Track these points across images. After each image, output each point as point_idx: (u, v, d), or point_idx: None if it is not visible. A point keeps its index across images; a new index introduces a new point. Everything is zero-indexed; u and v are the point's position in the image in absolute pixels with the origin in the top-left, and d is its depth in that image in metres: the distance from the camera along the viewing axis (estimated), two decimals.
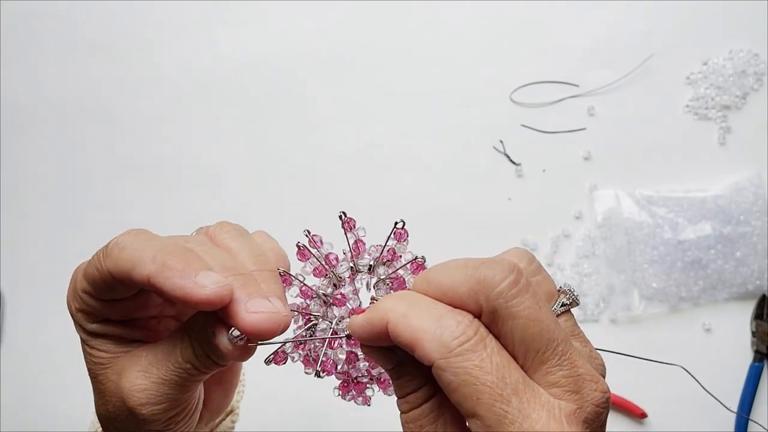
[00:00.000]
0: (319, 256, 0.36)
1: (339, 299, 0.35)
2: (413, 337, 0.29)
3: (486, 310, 0.30)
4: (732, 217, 0.77)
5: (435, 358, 0.29)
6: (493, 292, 0.29)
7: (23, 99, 0.87)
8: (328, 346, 0.35)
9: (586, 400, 0.30)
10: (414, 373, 0.31)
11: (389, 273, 0.35)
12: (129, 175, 0.85)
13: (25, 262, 0.85)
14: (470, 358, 0.28)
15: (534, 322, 0.29)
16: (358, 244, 0.36)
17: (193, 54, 0.85)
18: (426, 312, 0.30)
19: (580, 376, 0.30)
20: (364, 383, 0.36)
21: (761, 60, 0.79)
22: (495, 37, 0.82)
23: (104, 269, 0.34)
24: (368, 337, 0.32)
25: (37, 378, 0.84)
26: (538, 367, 0.30)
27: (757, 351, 0.76)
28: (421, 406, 0.31)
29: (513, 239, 0.80)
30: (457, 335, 0.29)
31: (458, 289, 0.30)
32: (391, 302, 0.31)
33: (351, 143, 0.82)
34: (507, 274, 0.30)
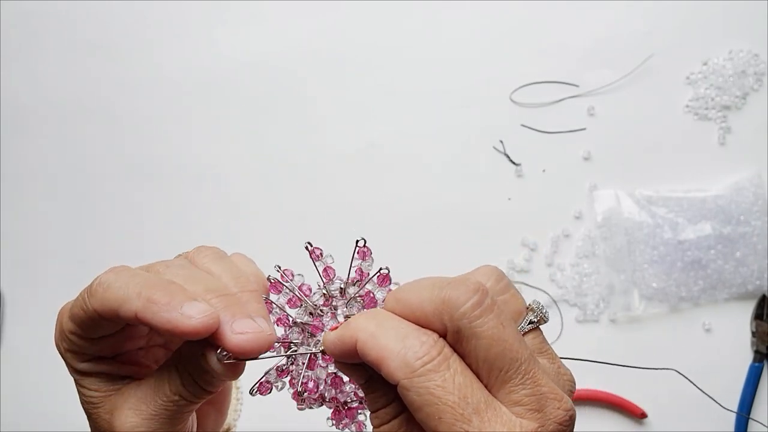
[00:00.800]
0: (293, 288, 0.37)
1: (316, 326, 0.36)
2: (379, 356, 0.30)
3: (450, 329, 0.30)
4: (732, 217, 0.77)
5: (399, 377, 0.29)
6: (457, 312, 0.30)
7: (23, 99, 0.87)
8: (308, 367, 0.36)
9: (548, 418, 0.30)
10: (383, 389, 0.31)
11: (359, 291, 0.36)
12: (129, 175, 0.85)
13: (25, 262, 0.85)
14: (433, 378, 0.29)
15: (497, 341, 0.30)
16: (328, 270, 0.37)
17: (194, 54, 0.85)
18: (392, 331, 0.30)
19: (543, 395, 0.30)
20: (355, 408, 0.36)
21: (761, 60, 0.79)
22: (495, 37, 0.82)
23: (90, 309, 0.35)
24: (340, 354, 0.32)
25: (37, 378, 0.84)
26: (502, 386, 0.30)
27: (757, 351, 0.76)
28: (390, 422, 0.31)
29: (513, 239, 0.80)
30: (420, 355, 0.29)
31: (424, 309, 0.31)
32: (361, 321, 0.32)
33: (351, 143, 0.82)
34: (471, 295, 0.30)
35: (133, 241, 0.84)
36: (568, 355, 0.73)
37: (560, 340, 0.78)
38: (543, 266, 0.79)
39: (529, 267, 0.79)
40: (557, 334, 0.78)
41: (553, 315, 0.78)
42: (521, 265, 0.79)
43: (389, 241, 0.81)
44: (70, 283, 0.84)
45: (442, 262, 0.80)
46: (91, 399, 0.37)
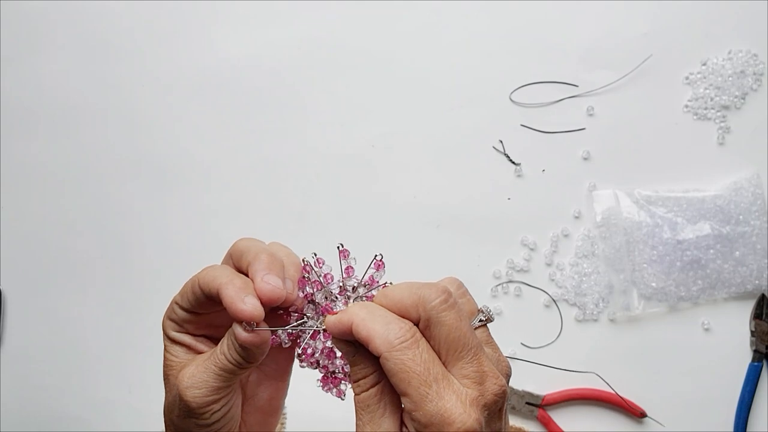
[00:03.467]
0: (320, 274, 0.46)
1: (325, 308, 0.46)
2: (368, 335, 0.40)
3: (423, 318, 0.40)
4: (731, 217, 0.77)
5: (382, 351, 0.39)
6: (428, 305, 0.40)
7: (23, 99, 0.87)
8: (311, 337, 0.46)
9: (487, 390, 0.39)
10: (365, 363, 0.41)
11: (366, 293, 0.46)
12: (129, 175, 0.85)
13: (25, 262, 0.85)
14: (406, 353, 0.38)
15: (455, 330, 0.39)
16: (349, 269, 0.46)
17: (195, 55, 0.85)
18: (379, 318, 0.40)
19: (484, 372, 0.40)
20: (339, 378, 0.46)
21: (760, 60, 0.79)
22: (495, 37, 0.82)
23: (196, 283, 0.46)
24: (338, 332, 0.42)
25: (37, 378, 0.84)
26: (455, 363, 0.39)
27: (756, 350, 0.76)
28: (369, 390, 0.41)
29: (512, 239, 0.80)
30: (398, 336, 0.39)
31: (404, 302, 0.41)
32: (357, 309, 0.41)
33: (350, 143, 0.83)
34: (439, 294, 0.40)
35: (134, 241, 0.84)
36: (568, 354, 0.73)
37: (560, 340, 0.78)
38: (542, 266, 0.80)
39: (528, 266, 0.80)
40: (557, 334, 0.79)
41: (552, 314, 0.79)
42: (521, 265, 0.79)
43: (389, 240, 0.82)
44: (70, 283, 0.85)
45: (441, 262, 0.80)
46: (171, 362, 0.48)
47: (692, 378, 0.77)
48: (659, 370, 0.78)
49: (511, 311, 0.79)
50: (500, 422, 0.41)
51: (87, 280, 0.84)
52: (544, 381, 0.77)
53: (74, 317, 0.84)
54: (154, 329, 0.82)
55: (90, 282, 0.84)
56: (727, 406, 0.77)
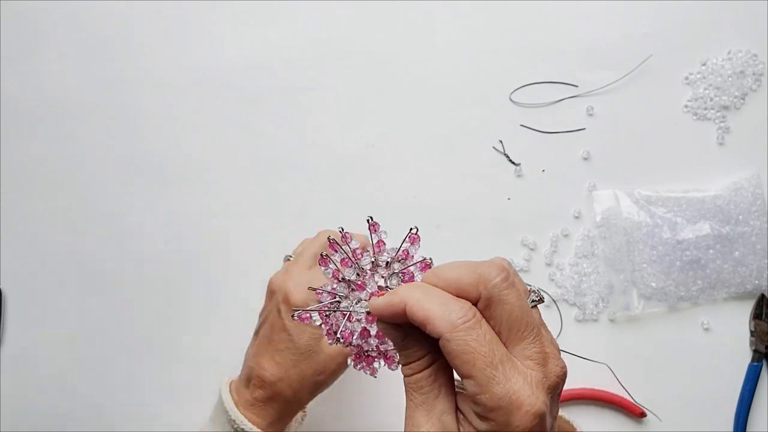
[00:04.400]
0: (348, 250, 0.44)
1: (360, 284, 0.44)
2: (426, 316, 0.37)
3: (483, 297, 0.38)
4: (731, 217, 0.77)
5: (444, 332, 0.37)
6: (490, 283, 0.38)
7: (23, 99, 0.87)
8: (348, 319, 0.44)
9: (550, 372, 0.38)
10: (417, 346, 0.40)
11: (402, 268, 0.43)
12: (130, 175, 0.85)
13: (26, 262, 0.85)
14: (470, 334, 0.37)
15: (518, 308, 0.38)
16: (380, 243, 0.44)
17: (194, 55, 0.85)
18: (436, 298, 0.38)
19: (547, 354, 0.39)
20: (372, 357, 0.45)
21: (760, 60, 0.79)
22: (494, 38, 0.82)
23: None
24: (387, 315, 0.40)
25: (37, 378, 0.84)
26: (517, 344, 0.38)
27: (755, 350, 0.77)
28: (422, 372, 0.40)
29: (513, 239, 0.80)
30: (460, 316, 0.37)
31: (462, 281, 0.39)
32: (408, 290, 0.39)
33: (350, 143, 0.83)
34: (500, 272, 0.39)
35: (134, 241, 0.84)
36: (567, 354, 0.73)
37: (560, 339, 0.78)
38: (542, 266, 0.80)
39: (528, 266, 0.80)
40: (557, 333, 0.79)
41: (552, 314, 0.79)
42: (521, 265, 0.79)
43: (389, 241, 0.81)
44: (70, 283, 0.85)
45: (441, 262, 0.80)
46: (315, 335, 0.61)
47: (692, 378, 0.77)
48: (659, 370, 0.78)
49: None
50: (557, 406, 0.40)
51: (87, 280, 0.84)
52: None
53: (74, 317, 0.84)
54: (155, 328, 0.83)
55: (90, 282, 0.84)
56: (726, 406, 0.77)
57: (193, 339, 0.82)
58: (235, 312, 0.82)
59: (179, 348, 0.82)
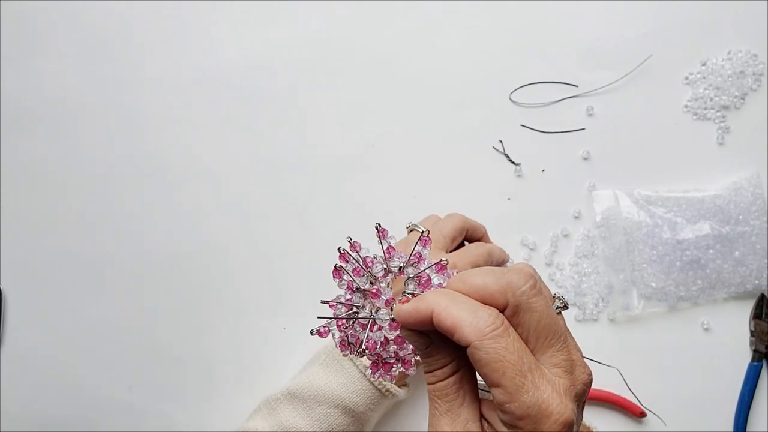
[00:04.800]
0: (358, 259, 0.43)
1: (375, 293, 0.44)
2: (454, 324, 0.37)
3: (511, 304, 0.38)
4: (731, 217, 0.77)
5: (472, 340, 0.36)
6: (518, 290, 0.38)
7: (23, 99, 0.87)
8: (370, 329, 0.43)
9: (577, 379, 0.38)
10: (442, 353, 0.40)
11: (417, 272, 0.43)
12: (130, 175, 0.85)
13: (26, 262, 0.85)
14: (499, 342, 0.36)
15: (546, 316, 0.38)
16: (390, 249, 0.43)
17: (194, 55, 0.85)
18: (464, 305, 0.38)
19: (573, 361, 0.39)
20: (390, 363, 0.44)
21: (760, 60, 0.79)
22: (494, 37, 0.82)
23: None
24: (412, 322, 0.39)
25: (37, 378, 0.84)
26: (545, 351, 0.38)
27: (755, 350, 0.77)
28: (447, 379, 0.39)
29: (513, 239, 0.80)
30: (489, 323, 0.37)
31: (489, 288, 0.38)
32: (435, 296, 0.39)
33: (350, 143, 0.83)
34: (528, 279, 0.38)
35: (133, 241, 0.84)
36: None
37: None
38: (542, 266, 0.80)
39: None
40: None
41: None
42: None
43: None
44: (70, 283, 0.85)
45: None
46: None
47: (692, 378, 0.77)
48: (659, 370, 0.78)
49: None
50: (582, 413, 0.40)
51: (87, 280, 0.84)
52: None
53: (74, 317, 0.84)
54: (155, 328, 0.83)
55: (90, 282, 0.84)
56: (726, 406, 0.77)
57: (192, 338, 0.82)
58: (235, 311, 0.82)
59: (179, 347, 0.82)
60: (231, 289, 0.82)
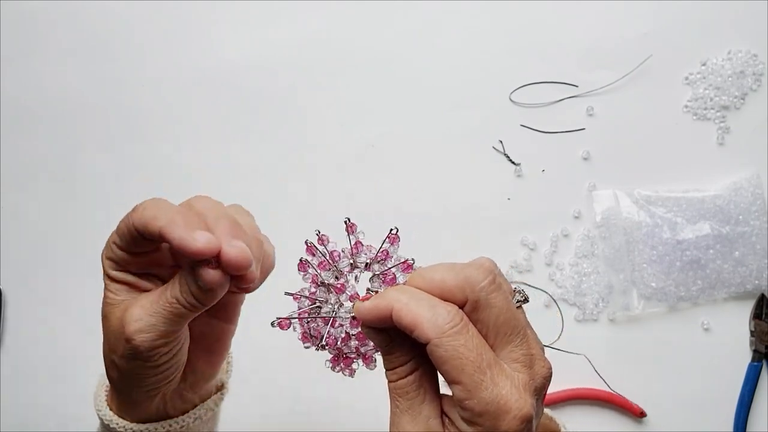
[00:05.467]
0: (325, 253, 0.43)
1: (339, 288, 0.43)
2: (413, 321, 0.37)
3: (470, 300, 0.38)
4: (731, 217, 0.77)
5: (431, 337, 0.36)
6: (477, 286, 0.38)
7: (23, 99, 0.87)
8: (331, 325, 0.43)
9: (537, 373, 0.38)
10: (402, 350, 0.39)
11: (383, 270, 0.42)
12: (129, 175, 0.85)
13: (26, 262, 0.85)
14: (458, 339, 0.36)
15: (505, 311, 0.38)
16: (358, 244, 0.43)
17: (194, 55, 0.85)
18: (423, 302, 0.38)
19: (533, 355, 0.39)
20: (351, 358, 0.44)
21: (760, 61, 0.79)
22: (494, 37, 0.82)
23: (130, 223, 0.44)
24: (373, 320, 0.39)
25: (37, 377, 0.84)
26: (504, 347, 0.38)
27: (755, 350, 0.76)
28: (408, 377, 0.39)
29: (512, 239, 0.80)
30: (448, 321, 0.37)
31: (448, 284, 0.38)
32: (395, 293, 0.39)
33: (350, 144, 0.83)
34: (487, 274, 0.38)
35: None
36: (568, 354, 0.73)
37: (560, 340, 0.78)
38: (542, 266, 0.80)
39: (528, 266, 0.80)
40: (557, 334, 0.78)
41: (552, 314, 0.79)
42: (521, 265, 0.79)
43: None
44: (70, 283, 0.85)
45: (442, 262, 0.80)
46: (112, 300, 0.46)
47: (692, 378, 0.77)
48: (659, 370, 0.78)
49: None
50: (542, 406, 0.40)
51: (87, 280, 0.84)
52: None
53: (74, 317, 0.84)
54: None
55: (90, 282, 0.84)
56: (726, 406, 0.77)
57: None
58: None
59: None
60: None
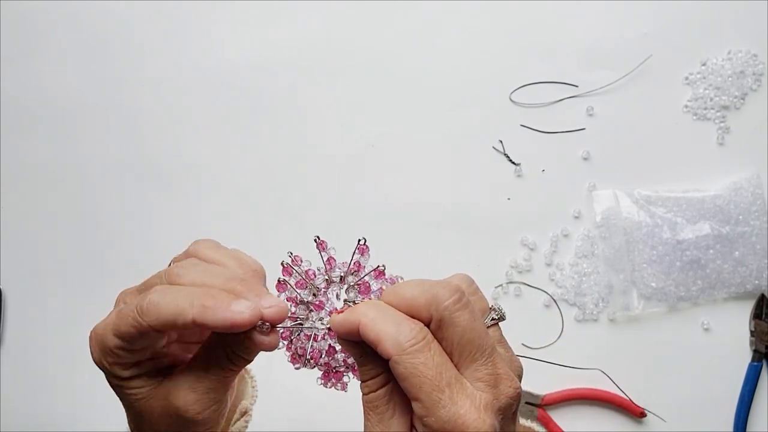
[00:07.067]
0: (301, 272, 0.44)
1: (317, 305, 0.44)
2: (377, 337, 0.38)
3: (435, 318, 0.38)
4: (731, 217, 0.77)
5: (392, 354, 0.37)
6: (441, 305, 0.38)
7: (23, 99, 0.87)
8: (314, 340, 0.44)
9: (501, 393, 0.38)
10: (374, 363, 0.40)
11: (356, 280, 0.44)
12: (129, 174, 0.85)
13: (26, 262, 0.85)
14: (417, 357, 0.37)
15: (469, 330, 0.38)
16: (330, 260, 0.44)
17: (195, 55, 0.85)
18: (389, 318, 0.38)
19: (499, 375, 0.38)
20: (341, 372, 0.45)
21: (760, 60, 0.79)
22: (494, 38, 0.82)
23: (145, 325, 0.41)
24: (344, 332, 0.40)
25: (37, 378, 0.84)
26: (468, 366, 0.38)
27: (755, 350, 0.76)
28: (378, 391, 0.39)
29: (512, 239, 0.80)
30: (409, 338, 0.37)
31: (416, 301, 0.39)
32: (364, 308, 0.39)
33: (350, 144, 0.83)
34: (452, 293, 0.38)
35: (133, 241, 0.84)
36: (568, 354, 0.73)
37: (560, 340, 0.78)
38: (542, 266, 0.80)
39: (528, 266, 0.80)
40: (558, 334, 0.79)
41: (553, 314, 0.79)
42: (521, 265, 0.79)
43: (389, 240, 0.81)
44: (70, 283, 0.85)
45: (441, 262, 0.80)
46: (139, 396, 0.44)
47: (692, 378, 0.77)
48: (659, 370, 0.78)
49: (512, 311, 0.79)
50: (513, 425, 0.40)
51: (87, 280, 0.84)
52: (544, 381, 0.77)
53: (74, 317, 0.84)
54: None
55: (90, 282, 0.84)
56: (726, 406, 0.77)
57: None
58: None
59: None
60: None
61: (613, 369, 0.77)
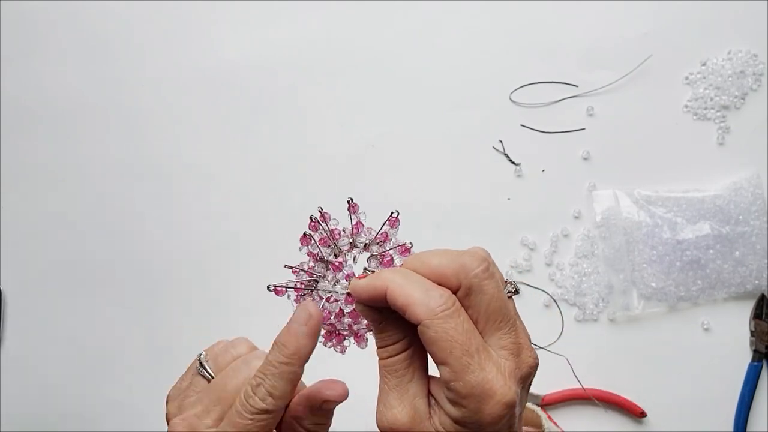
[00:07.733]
0: (327, 230, 0.44)
1: (337, 265, 0.44)
2: (407, 302, 0.38)
3: (464, 286, 0.39)
4: (731, 217, 0.77)
5: (423, 318, 0.38)
6: (471, 273, 0.39)
7: (23, 99, 0.87)
8: (327, 300, 0.44)
9: (523, 362, 0.39)
10: (394, 330, 0.41)
11: (381, 251, 0.44)
12: (129, 175, 0.85)
13: (26, 262, 0.85)
14: (448, 322, 0.37)
15: (496, 299, 0.39)
16: (359, 225, 0.44)
17: (195, 55, 0.85)
18: (417, 284, 0.39)
19: (521, 344, 0.39)
20: (343, 335, 0.45)
21: (760, 60, 0.79)
22: (494, 37, 0.82)
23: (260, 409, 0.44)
24: (367, 298, 0.41)
25: (37, 378, 0.84)
26: (493, 334, 0.39)
27: (755, 350, 0.76)
28: (398, 355, 0.40)
29: (512, 239, 0.80)
30: (440, 303, 0.38)
31: (444, 269, 0.39)
32: (391, 274, 0.40)
33: (350, 143, 0.83)
34: (481, 262, 0.39)
35: (133, 241, 0.84)
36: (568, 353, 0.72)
37: (560, 340, 0.78)
38: (542, 266, 0.80)
39: (528, 266, 0.80)
40: (558, 334, 0.78)
41: (553, 314, 0.79)
42: (521, 265, 0.79)
43: None
44: (70, 284, 0.85)
45: None
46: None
47: (692, 378, 0.77)
48: (659, 370, 0.78)
49: None
50: (527, 395, 0.41)
51: (87, 280, 0.84)
52: (544, 381, 0.77)
53: (74, 317, 0.84)
54: (155, 329, 0.83)
55: (90, 282, 0.84)
56: (726, 406, 0.77)
57: (193, 340, 0.82)
58: (236, 313, 0.81)
59: (180, 349, 0.82)
60: (231, 289, 0.82)
61: (613, 369, 0.77)
